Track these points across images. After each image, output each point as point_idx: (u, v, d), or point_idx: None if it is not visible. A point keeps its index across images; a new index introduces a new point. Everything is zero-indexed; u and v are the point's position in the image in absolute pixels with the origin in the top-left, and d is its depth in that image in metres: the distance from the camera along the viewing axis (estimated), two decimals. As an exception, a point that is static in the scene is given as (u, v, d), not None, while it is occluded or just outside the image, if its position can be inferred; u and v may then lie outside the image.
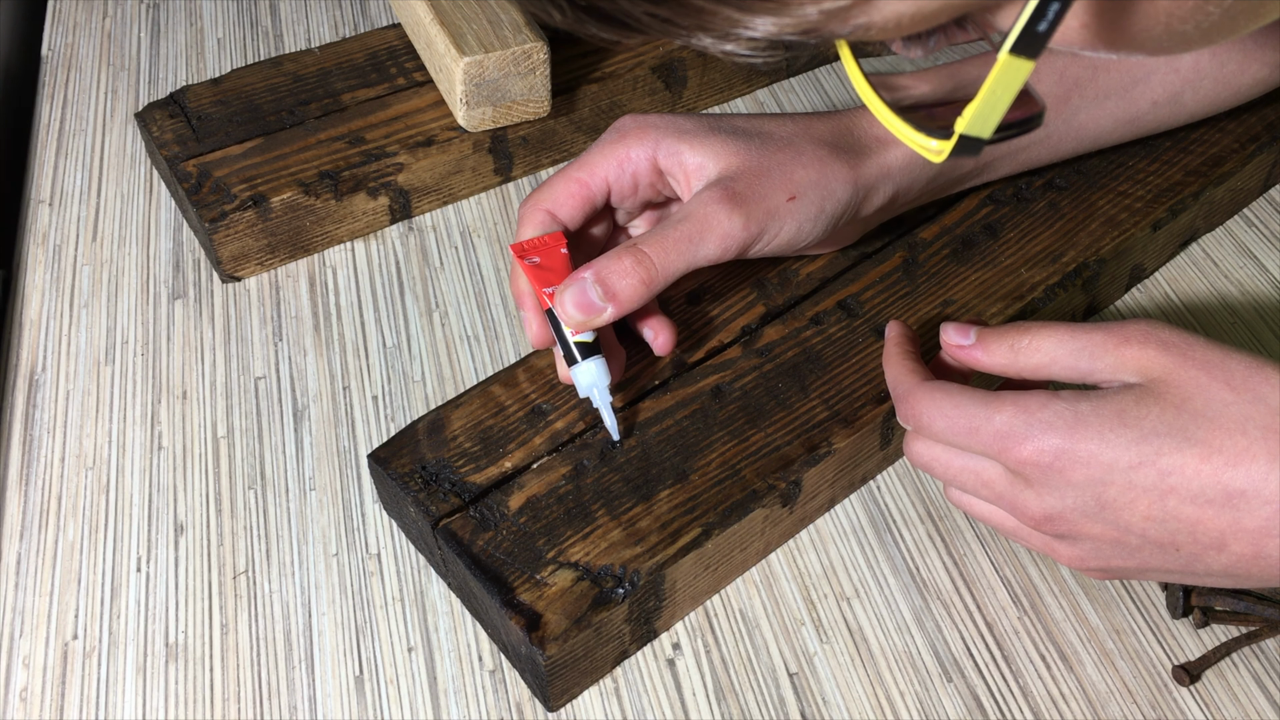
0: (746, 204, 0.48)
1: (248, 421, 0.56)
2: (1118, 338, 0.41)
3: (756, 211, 0.48)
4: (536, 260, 0.49)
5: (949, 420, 0.42)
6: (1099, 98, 0.56)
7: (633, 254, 0.47)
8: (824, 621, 0.49)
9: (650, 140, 0.50)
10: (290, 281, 0.62)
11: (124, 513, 0.53)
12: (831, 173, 0.50)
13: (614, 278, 0.47)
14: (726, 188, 0.48)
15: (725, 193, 0.48)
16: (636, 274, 0.47)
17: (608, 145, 0.50)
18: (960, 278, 0.56)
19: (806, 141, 0.51)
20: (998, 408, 0.41)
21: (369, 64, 0.68)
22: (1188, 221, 0.60)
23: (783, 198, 0.49)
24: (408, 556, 0.51)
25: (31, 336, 0.60)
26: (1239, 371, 0.39)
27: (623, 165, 0.50)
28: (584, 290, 0.47)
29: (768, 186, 0.49)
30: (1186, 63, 0.56)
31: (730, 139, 0.50)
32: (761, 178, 0.49)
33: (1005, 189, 0.60)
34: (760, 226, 0.49)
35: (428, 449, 0.50)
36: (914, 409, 0.44)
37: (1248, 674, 0.47)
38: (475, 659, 0.48)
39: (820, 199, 0.50)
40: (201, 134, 0.64)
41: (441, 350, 0.59)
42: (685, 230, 0.47)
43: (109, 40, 0.77)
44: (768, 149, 0.50)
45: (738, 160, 0.49)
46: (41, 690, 0.48)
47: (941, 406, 0.43)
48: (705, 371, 0.52)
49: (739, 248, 0.49)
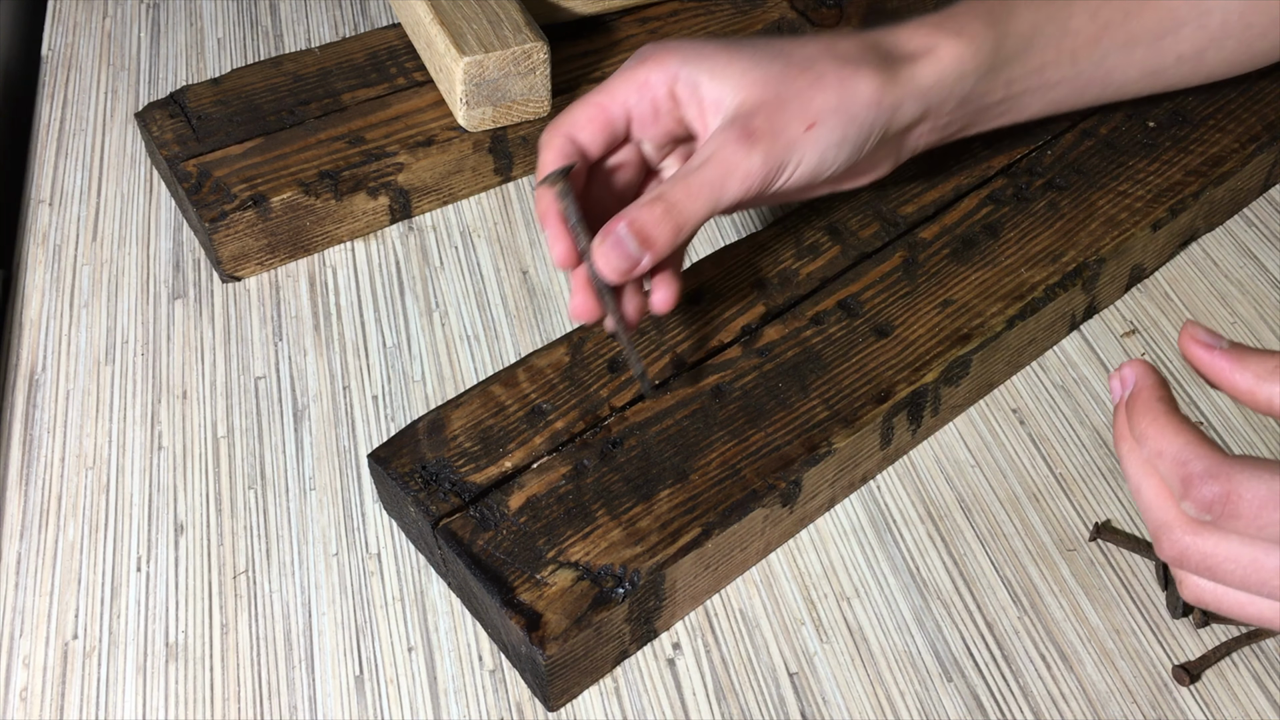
0: (764, 140, 0.47)
1: (248, 421, 0.56)
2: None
3: (775, 146, 0.48)
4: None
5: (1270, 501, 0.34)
6: (1128, 44, 0.55)
7: (662, 203, 0.47)
8: (824, 621, 0.49)
9: (671, 67, 0.49)
10: (290, 281, 0.62)
11: (124, 513, 0.53)
12: (853, 93, 0.49)
13: (649, 227, 0.46)
14: (744, 125, 0.47)
15: (742, 131, 0.47)
16: (668, 221, 0.47)
17: (627, 70, 0.49)
18: (960, 277, 0.56)
19: (828, 61, 0.49)
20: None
21: (369, 64, 0.68)
22: (1188, 221, 0.60)
23: (801, 127, 0.48)
24: (408, 556, 0.51)
25: (31, 336, 0.60)
26: None
27: (642, 91, 0.49)
28: (621, 241, 0.46)
29: (785, 118, 0.48)
30: (1215, 20, 0.56)
31: (749, 66, 0.48)
32: (779, 109, 0.48)
33: (1005, 189, 0.60)
34: (780, 159, 0.48)
35: (428, 449, 0.50)
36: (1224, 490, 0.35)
37: (1248, 674, 0.47)
38: (475, 659, 0.48)
39: (843, 124, 0.49)
40: (201, 134, 0.64)
41: (441, 350, 0.59)
42: (707, 175, 0.47)
43: (109, 40, 0.77)
44: (787, 75, 0.48)
45: (755, 92, 0.48)
46: (41, 690, 0.48)
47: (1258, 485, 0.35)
48: (705, 371, 0.52)
49: (761, 185, 0.48)
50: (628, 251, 0.46)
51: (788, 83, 0.48)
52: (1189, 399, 0.56)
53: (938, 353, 0.53)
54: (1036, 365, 0.58)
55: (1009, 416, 0.56)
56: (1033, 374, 0.57)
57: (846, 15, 0.73)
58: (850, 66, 0.49)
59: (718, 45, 0.49)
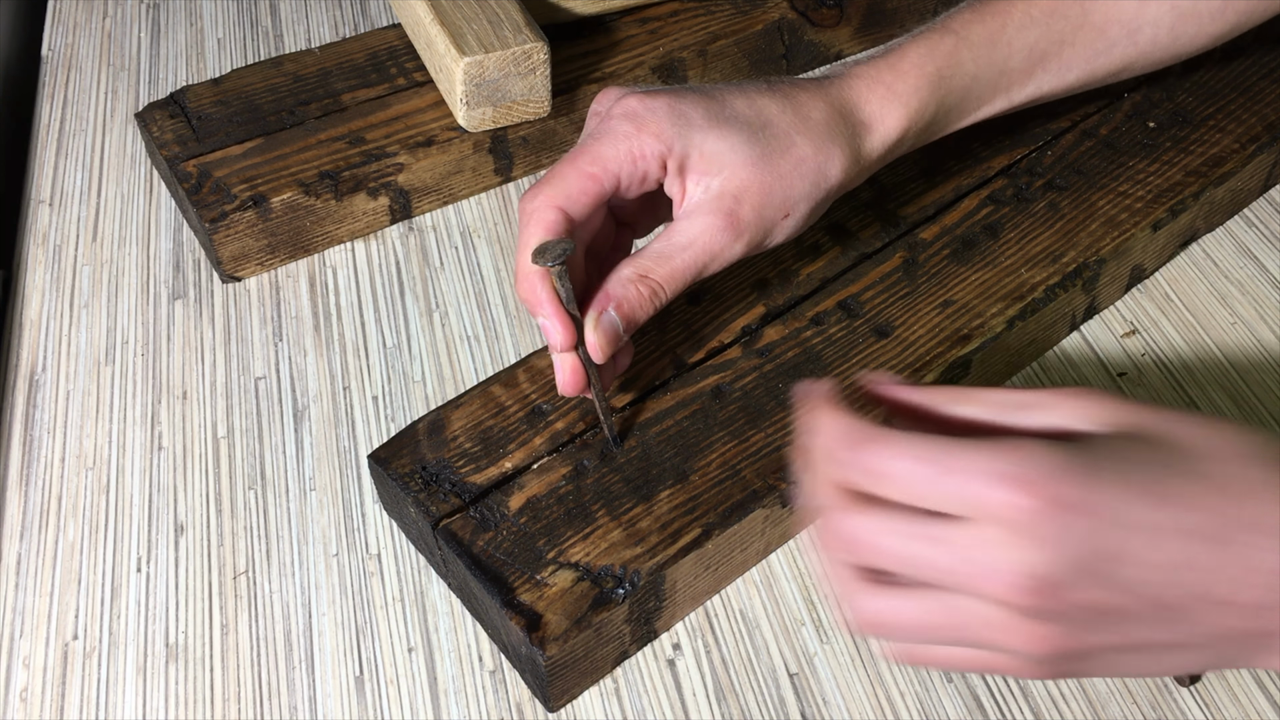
0: (749, 231, 0.49)
1: (248, 421, 0.56)
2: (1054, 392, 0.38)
3: (757, 235, 0.49)
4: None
5: (918, 459, 0.35)
6: (1061, 70, 0.57)
7: (648, 285, 0.47)
8: (824, 621, 0.49)
9: (664, 138, 0.48)
10: (290, 281, 0.62)
11: (124, 513, 0.53)
12: (826, 178, 0.50)
13: (636, 310, 0.47)
14: (730, 213, 0.48)
15: (728, 220, 0.48)
16: (653, 303, 0.48)
17: (620, 137, 0.48)
18: (960, 278, 0.56)
19: (805, 137, 0.50)
20: (973, 443, 0.35)
21: (369, 64, 0.68)
22: (1188, 222, 0.60)
23: (780, 215, 0.49)
24: (408, 556, 0.51)
25: (31, 336, 0.60)
26: (1198, 417, 0.37)
27: (636, 163, 0.48)
28: (613, 325, 0.47)
29: (768, 207, 0.49)
30: (1145, 36, 0.57)
31: (736, 144, 0.49)
32: (764, 199, 0.49)
33: (1006, 189, 0.60)
34: (757, 244, 0.49)
35: (428, 449, 0.50)
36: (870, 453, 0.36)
37: (1248, 674, 0.47)
38: (475, 659, 0.48)
39: (813, 206, 0.50)
40: (201, 134, 0.64)
41: (441, 350, 0.59)
42: (691, 258, 0.48)
43: (109, 40, 0.77)
44: (770, 157, 0.49)
45: (742, 174, 0.48)
46: (41, 690, 0.48)
47: (911, 443, 0.36)
48: (705, 372, 0.52)
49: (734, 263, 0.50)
50: (617, 334, 0.47)
51: (771, 167, 0.49)
52: (1188, 399, 0.56)
53: (938, 353, 0.53)
54: (1036, 365, 0.58)
55: (1009, 417, 0.56)
56: (1032, 374, 0.57)
57: (846, 15, 0.73)
58: (825, 149, 0.50)
59: (704, 112, 0.49)
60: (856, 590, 0.37)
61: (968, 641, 0.36)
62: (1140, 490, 0.34)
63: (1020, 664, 0.37)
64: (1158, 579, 0.35)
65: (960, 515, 0.35)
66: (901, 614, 0.36)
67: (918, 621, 0.36)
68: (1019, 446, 0.35)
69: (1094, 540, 0.34)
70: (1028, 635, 0.35)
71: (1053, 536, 0.34)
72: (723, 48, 0.70)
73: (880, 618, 0.37)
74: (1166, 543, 0.34)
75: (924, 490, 0.35)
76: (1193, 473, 0.35)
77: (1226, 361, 0.57)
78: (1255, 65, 0.66)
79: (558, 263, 0.44)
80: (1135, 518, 0.34)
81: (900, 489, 0.36)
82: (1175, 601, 0.35)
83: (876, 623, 0.37)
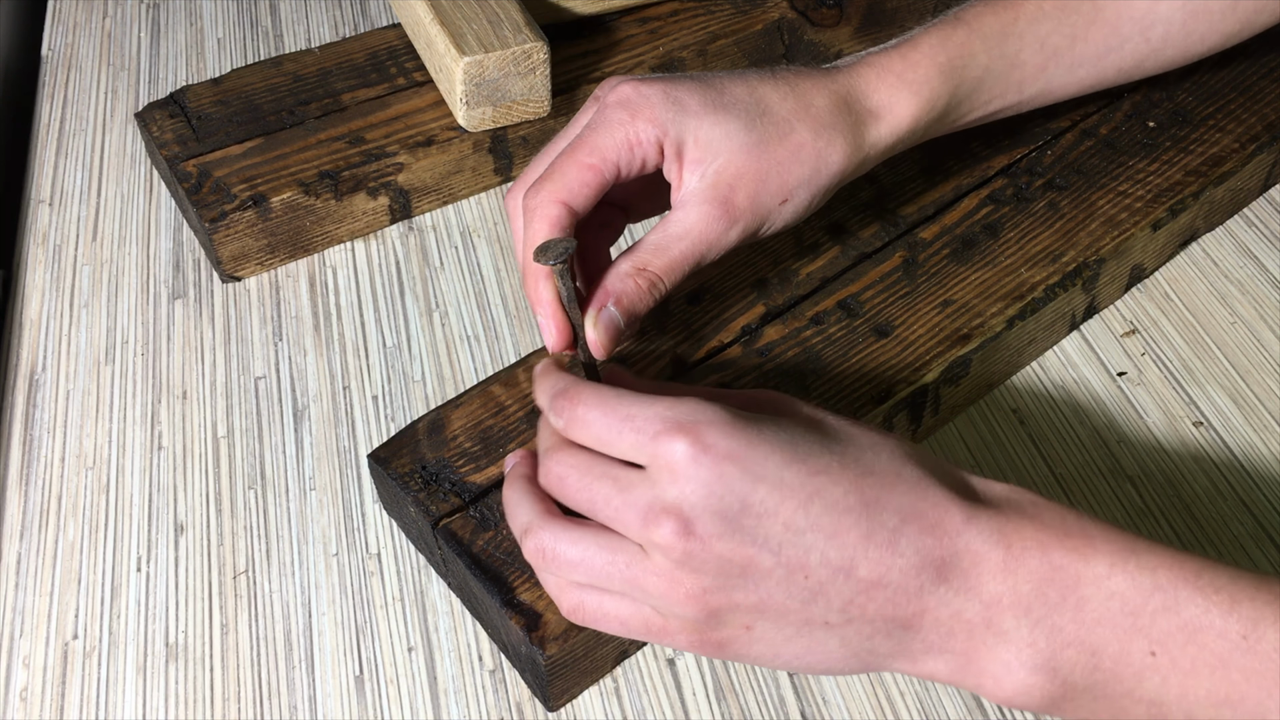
0: (744, 217, 0.48)
1: (248, 421, 0.56)
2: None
3: (753, 221, 0.49)
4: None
5: (606, 409, 0.39)
6: (1073, 66, 0.56)
7: (646, 277, 0.47)
8: (824, 621, 0.49)
9: (660, 123, 0.48)
10: (290, 281, 0.62)
11: (124, 513, 0.53)
12: (826, 164, 0.50)
13: (636, 303, 0.47)
14: (725, 200, 0.48)
15: (724, 207, 0.48)
16: (652, 295, 0.47)
17: (616, 125, 0.48)
18: (960, 278, 0.56)
19: (805, 124, 0.50)
20: (653, 398, 0.39)
21: (369, 64, 0.68)
22: (1188, 221, 0.60)
23: (777, 201, 0.49)
24: (408, 556, 0.51)
25: (31, 336, 0.60)
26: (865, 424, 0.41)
27: (634, 150, 0.48)
28: (613, 320, 0.47)
29: (765, 194, 0.49)
30: (1158, 33, 0.57)
31: (733, 130, 0.48)
32: (760, 185, 0.49)
33: (1005, 189, 0.60)
34: (754, 231, 0.49)
35: (428, 449, 0.50)
36: (568, 399, 0.40)
37: None
38: (475, 659, 0.48)
39: (812, 192, 0.50)
40: (201, 134, 0.64)
41: (441, 350, 0.59)
42: (688, 248, 0.48)
43: (109, 40, 0.77)
44: (767, 144, 0.49)
45: (737, 161, 0.48)
46: (41, 690, 0.48)
47: (602, 395, 0.40)
48: (705, 371, 0.52)
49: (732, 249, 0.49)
50: (618, 328, 0.47)
51: (768, 153, 0.49)
52: (1188, 399, 0.56)
53: (938, 353, 0.53)
54: (1036, 365, 0.58)
55: (1009, 416, 0.56)
56: (1033, 374, 0.57)
57: (846, 15, 0.73)
58: (825, 135, 0.50)
59: (700, 98, 0.49)
60: (538, 519, 0.40)
61: (629, 588, 0.39)
62: (773, 447, 0.37)
63: (676, 626, 0.39)
64: (801, 542, 0.37)
65: (640, 463, 0.38)
66: (565, 543, 0.39)
67: (579, 552, 0.39)
68: (687, 401, 0.38)
69: (737, 488, 0.36)
70: (677, 583, 0.37)
71: (702, 479, 0.36)
72: (722, 47, 0.70)
73: (550, 544, 0.39)
74: (811, 507, 0.37)
75: (609, 437, 0.39)
76: (831, 450, 0.38)
77: (1226, 361, 0.57)
78: (1255, 65, 0.66)
79: (559, 261, 0.44)
80: (768, 472, 0.37)
81: (592, 435, 0.39)
82: (815, 569, 0.37)
83: (544, 550, 0.40)
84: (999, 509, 0.38)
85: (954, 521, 0.37)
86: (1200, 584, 0.36)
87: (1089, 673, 0.36)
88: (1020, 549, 0.37)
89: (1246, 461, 0.53)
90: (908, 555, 0.37)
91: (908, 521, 0.37)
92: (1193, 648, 0.35)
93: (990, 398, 0.56)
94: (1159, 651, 0.35)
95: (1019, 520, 0.38)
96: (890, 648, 0.38)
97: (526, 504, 0.42)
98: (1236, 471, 0.53)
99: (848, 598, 0.37)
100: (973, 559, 0.37)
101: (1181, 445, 0.54)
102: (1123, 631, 0.36)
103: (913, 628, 0.37)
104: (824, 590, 0.37)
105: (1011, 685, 0.37)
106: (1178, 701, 0.35)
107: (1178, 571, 0.36)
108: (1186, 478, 0.53)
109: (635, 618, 0.40)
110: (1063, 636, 0.36)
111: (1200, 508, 0.52)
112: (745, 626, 0.38)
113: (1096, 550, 0.37)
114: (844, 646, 0.38)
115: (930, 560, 0.37)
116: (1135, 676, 0.36)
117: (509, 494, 0.43)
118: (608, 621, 0.40)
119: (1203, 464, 0.53)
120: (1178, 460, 0.54)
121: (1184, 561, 0.37)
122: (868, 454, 0.39)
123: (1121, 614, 0.36)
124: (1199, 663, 0.35)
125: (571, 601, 0.41)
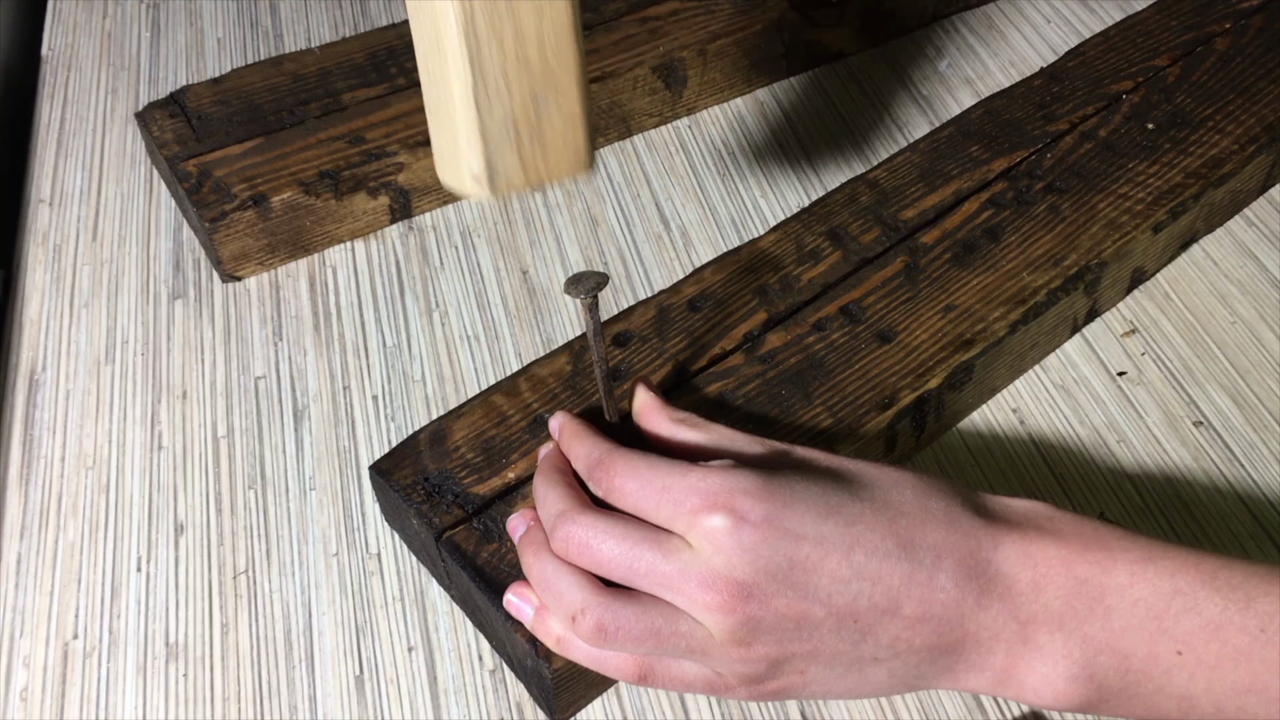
0: None
1: (248, 421, 0.56)
2: None
3: None
4: None
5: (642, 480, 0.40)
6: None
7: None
8: (824, 623, 0.49)
9: None
10: (290, 281, 0.62)
11: (124, 513, 0.53)
12: None
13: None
14: None
15: None
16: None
17: None
18: (962, 282, 0.56)
19: None
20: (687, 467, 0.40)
21: (369, 64, 0.68)
22: (1188, 223, 0.61)
23: None
24: (408, 556, 0.51)
25: (31, 336, 0.60)
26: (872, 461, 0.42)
27: None
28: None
29: None
30: None
31: None
32: None
33: (1006, 192, 0.60)
34: None
35: (430, 460, 0.49)
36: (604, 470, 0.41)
37: None
38: (475, 659, 0.48)
39: None
40: (201, 134, 0.64)
41: (441, 350, 0.59)
42: None
43: (109, 40, 0.77)
44: None
45: None
46: (41, 690, 0.48)
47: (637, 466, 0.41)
48: (707, 379, 0.52)
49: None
50: None
51: None
52: (1189, 399, 0.56)
53: (941, 358, 0.52)
54: (1038, 368, 0.58)
55: (1009, 416, 0.56)
56: (1033, 374, 0.57)
57: (846, 15, 0.73)
58: None
59: None
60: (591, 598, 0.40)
61: (688, 653, 0.39)
62: (807, 505, 0.39)
63: (735, 681, 0.40)
64: (849, 590, 0.38)
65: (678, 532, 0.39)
66: (627, 620, 0.39)
67: (643, 628, 0.39)
68: (717, 471, 0.40)
69: (781, 549, 0.38)
70: (737, 644, 0.39)
71: (745, 546, 0.38)
72: (722, 47, 0.70)
73: (612, 623, 0.39)
74: (853, 556, 0.38)
75: (647, 508, 0.40)
76: (860, 499, 0.40)
77: (1227, 361, 0.57)
78: (1253, 66, 0.66)
79: (590, 295, 0.44)
80: (807, 529, 0.38)
81: (631, 505, 0.41)
82: (864, 613, 0.38)
83: (606, 629, 0.39)
84: (1020, 528, 0.40)
85: (984, 549, 0.39)
86: (1217, 584, 0.38)
87: (1121, 675, 0.38)
88: (1046, 567, 0.39)
89: (1246, 461, 0.53)
90: (947, 589, 0.38)
91: (943, 557, 0.39)
92: (1215, 644, 0.37)
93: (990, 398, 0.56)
94: (1185, 650, 0.37)
95: (1040, 539, 0.39)
96: (935, 671, 0.40)
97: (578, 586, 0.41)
98: (1236, 471, 0.53)
99: (895, 634, 0.39)
100: (1005, 583, 0.39)
101: (1181, 445, 0.54)
102: (1149, 635, 0.38)
103: (955, 652, 0.39)
104: (873, 630, 0.39)
105: (1051, 694, 0.39)
106: (1205, 694, 0.37)
107: (1194, 574, 0.38)
108: (1186, 478, 0.53)
109: (699, 679, 0.41)
110: (1094, 645, 0.38)
111: (1200, 508, 0.52)
112: (800, 672, 0.40)
113: (1116, 561, 0.38)
114: (892, 677, 0.40)
115: (968, 590, 0.38)
116: (1165, 674, 0.38)
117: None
118: (673, 682, 0.41)
119: (1203, 464, 0.53)
120: (1178, 460, 0.54)
121: (1199, 563, 0.38)
122: (893, 495, 0.40)
123: (1147, 618, 0.38)
124: (1222, 657, 0.37)
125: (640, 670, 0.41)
